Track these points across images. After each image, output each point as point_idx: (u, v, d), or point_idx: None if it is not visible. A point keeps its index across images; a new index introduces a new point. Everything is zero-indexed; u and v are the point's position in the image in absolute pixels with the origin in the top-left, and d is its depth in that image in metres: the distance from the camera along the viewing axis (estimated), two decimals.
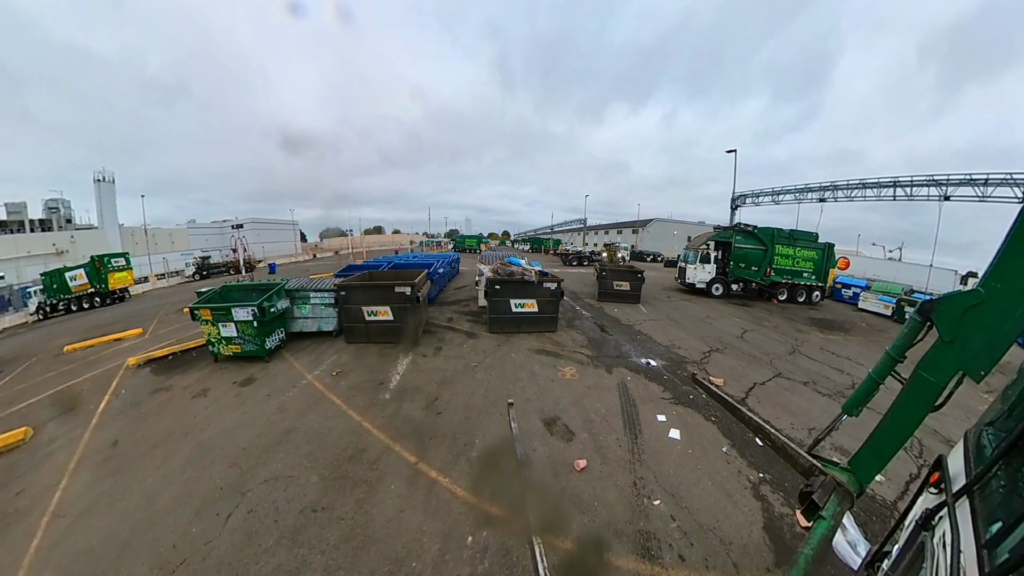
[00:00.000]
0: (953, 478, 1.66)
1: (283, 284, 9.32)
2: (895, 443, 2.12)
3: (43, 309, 21.91)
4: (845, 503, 2.12)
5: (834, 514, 2.04)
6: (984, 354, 1.79)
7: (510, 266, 9.80)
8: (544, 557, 2.84)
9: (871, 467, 2.20)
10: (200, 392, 7.09)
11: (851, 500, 2.16)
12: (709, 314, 14.25)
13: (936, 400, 1.96)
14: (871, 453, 2.19)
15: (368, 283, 8.72)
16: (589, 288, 19.31)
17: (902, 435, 2.10)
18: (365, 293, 8.48)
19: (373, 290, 8.52)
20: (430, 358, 8.03)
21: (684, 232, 72.19)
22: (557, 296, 9.61)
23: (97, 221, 60.18)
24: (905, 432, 2.09)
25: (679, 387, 7.06)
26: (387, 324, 8.52)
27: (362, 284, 8.64)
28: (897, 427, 2.11)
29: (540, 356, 8.24)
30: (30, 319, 21.31)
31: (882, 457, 2.16)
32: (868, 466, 2.21)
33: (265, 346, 8.66)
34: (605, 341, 9.62)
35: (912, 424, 2.06)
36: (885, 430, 2.15)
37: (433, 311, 12.75)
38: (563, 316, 11.24)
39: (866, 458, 2.21)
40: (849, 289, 21.37)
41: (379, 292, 8.43)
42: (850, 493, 2.16)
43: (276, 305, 8.85)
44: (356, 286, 8.51)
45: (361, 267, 14.86)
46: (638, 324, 11.69)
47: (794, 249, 19.35)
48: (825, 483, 2.18)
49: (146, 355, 9.28)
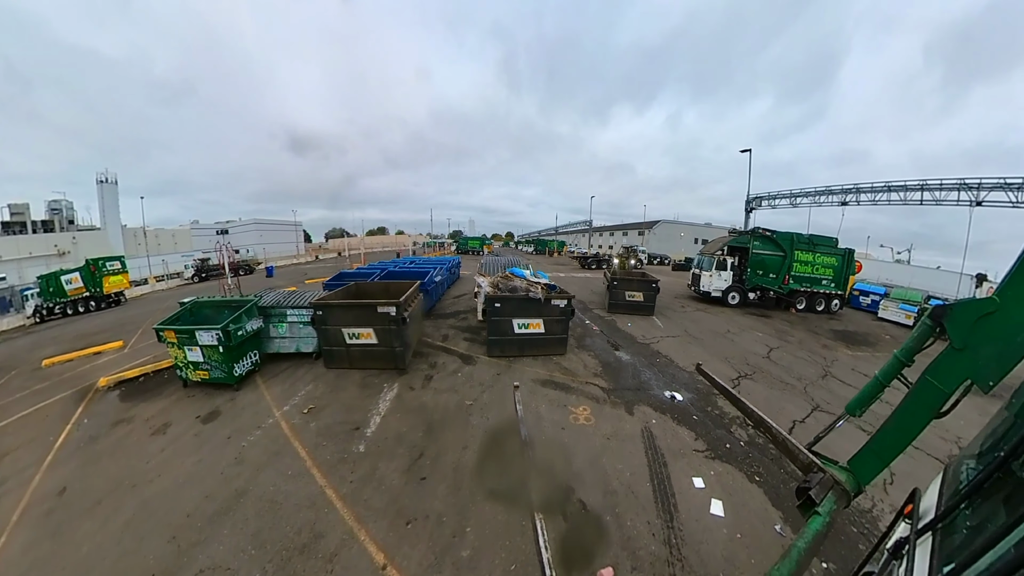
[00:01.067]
0: (924, 512, 1.66)
1: (254, 301, 8.31)
2: (897, 446, 2.09)
3: (40, 312, 21.30)
4: (842, 501, 2.11)
5: (830, 511, 2.02)
6: (995, 364, 1.74)
7: (512, 279, 8.65)
8: None
9: (871, 468, 2.16)
10: (160, 427, 6.30)
11: (848, 499, 2.14)
12: (729, 328, 13.14)
13: (941, 407, 1.92)
14: (872, 455, 2.15)
15: (348, 302, 7.64)
16: (598, 297, 18.21)
17: (904, 439, 2.07)
18: (345, 313, 7.37)
19: (354, 310, 7.36)
20: (418, 391, 6.97)
21: (691, 234, 70.90)
22: (567, 315, 8.46)
23: (100, 222, 60.04)
24: (907, 436, 2.05)
25: (712, 430, 5.99)
26: (370, 348, 7.47)
27: (340, 303, 7.55)
28: (900, 431, 2.07)
29: (547, 390, 7.13)
30: (27, 322, 20.69)
31: (883, 459, 2.12)
32: (868, 467, 2.17)
33: (234, 373, 7.70)
34: (621, 366, 8.52)
35: (915, 429, 2.02)
36: (888, 433, 2.11)
37: (428, 325, 11.71)
38: (572, 332, 10.16)
39: (866, 459, 2.17)
40: (867, 297, 20.24)
41: (360, 312, 7.30)
42: (847, 492, 2.13)
43: (245, 327, 7.86)
44: (334, 305, 7.42)
45: (353, 275, 13.86)
46: (655, 342, 10.58)
47: (813, 255, 18.25)
48: (823, 480, 2.15)
49: (117, 375, 8.61)
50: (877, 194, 21.54)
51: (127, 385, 8.31)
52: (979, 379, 1.79)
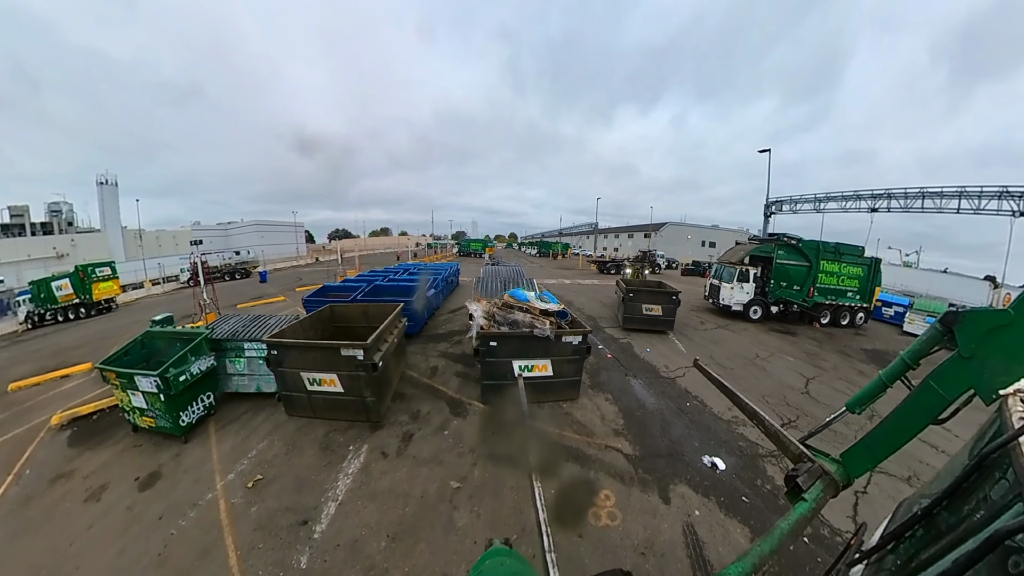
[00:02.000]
0: (866, 548, 1.66)
1: (203, 335, 7.00)
2: (891, 446, 2.08)
3: (31, 318, 20.77)
4: (829, 490, 2.11)
5: (816, 498, 2.03)
6: (1000, 377, 1.68)
7: (512, 307, 7.07)
8: None
9: (862, 463, 2.14)
10: (96, 490, 5.33)
11: (836, 489, 2.13)
12: (757, 351, 11.70)
13: (941, 413, 1.91)
14: (865, 450, 2.14)
15: (306, 342, 6.20)
16: (609, 310, 16.80)
17: (899, 439, 2.05)
18: (303, 355, 5.99)
19: (312, 352, 5.96)
20: (391, 460, 5.51)
21: (698, 236, 69.28)
22: (582, 354, 6.86)
23: (100, 224, 59.58)
24: (902, 437, 2.04)
25: (764, 513, 4.63)
26: (336, 397, 6.11)
27: (297, 343, 6.13)
28: (896, 431, 2.06)
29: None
30: (20, 328, 20.17)
31: (875, 456, 2.11)
32: (859, 461, 2.15)
33: (180, 422, 6.48)
34: (647, 416, 7.01)
35: (911, 431, 2.01)
36: (883, 431, 2.11)
37: (416, 350, 10.35)
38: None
39: (859, 453, 2.15)
40: (890, 308, 19.03)
41: (321, 355, 5.92)
42: (836, 482, 2.12)
43: (190, 370, 6.57)
44: (290, 345, 6.03)
45: (337, 289, 12.56)
46: (680, 376, 9.10)
47: (839, 265, 16.90)
48: (811, 469, 2.15)
49: (72, 412, 7.68)
50: (911, 200, 19.85)
51: (80, 423, 7.40)
52: (982, 390, 1.74)
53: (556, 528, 5.18)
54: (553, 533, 2.21)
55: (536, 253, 66.02)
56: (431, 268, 19.84)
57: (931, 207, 19.81)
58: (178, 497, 5.08)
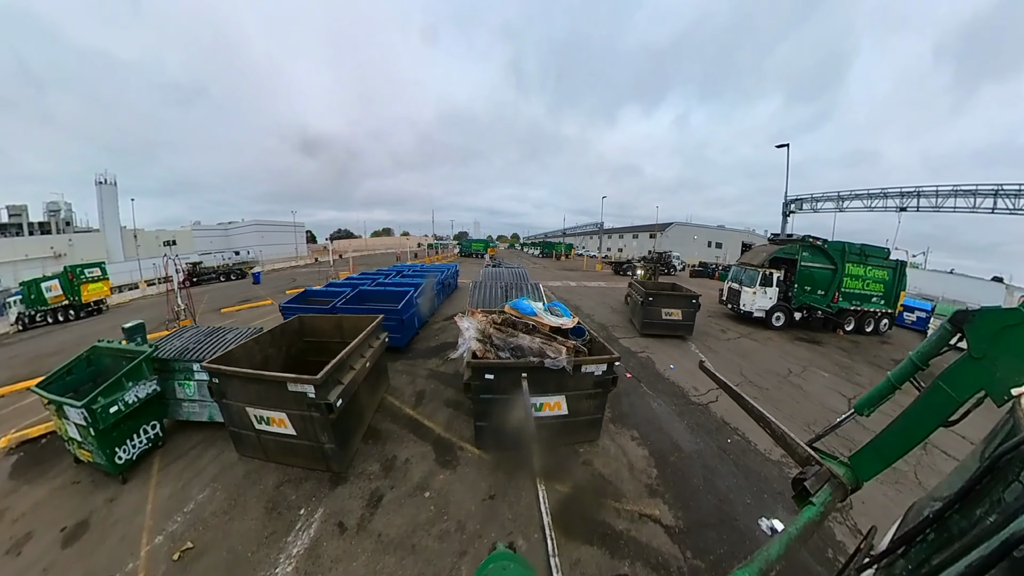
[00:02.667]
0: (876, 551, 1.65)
1: (145, 355, 5.82)
2: (900, 448, 2.05)
3: (22, 320, 20.27)
4: (838, 494, 2.07)
5: (824, 502, 1.98)
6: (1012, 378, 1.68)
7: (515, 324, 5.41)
8: None
9: (872, 466, 2.12)
10: (19, 542, 4.41)
11: (845, 493, 2.10)
12: (788, 365, 10.42)
13: (951, 415, 1.88)
14: (874, 453, 2.12)
15: (246, 372, 4.77)
16: (619, 316, 15.55)
17: (908, 442, 2.03)
18: (246, 388, 4.68)
19: (255, 384, 4.62)
20: (349, 537, 4.16)
21: (705, 237, 67.76)
22: (606, 386, 5.29)
23: (98, 223, 59.10)
24: (912, 440, 2.02)
25: None
26: (288, 440, 4.83)
27: (236, 372, 4.75)
28: (905, 433, 2.04)
29: (576, 544, 4.15)
30: (11, 330, 19.75)
31: (884, 459, 2.09)
32: (869, 465, 2.13)
33: (116, 460, 5.36)
34: (684, 463, 5.55)
35: (921, 433, 1.99)
36: (893, 434, 2.07)
37: (402, 368, 8.93)
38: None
39: (868, 456, 2.14)
40: (912, 313, 17.83)
41: (265, 389, 4.59)
42: (844, 486, 2.08)
43: (123, 399, 5.40)
44: (231, 375, 4.71)
45: (321, 293, 11.29)
46: (713, 400, 7.70)
47: (864, 268, 15.67)
48: (819, 473, 2.11)
49: (20, 434, 6.77)
50: (943, 199, 18.41)
51: (28, 448, 6.51)
52: (993, 391, 1.73)
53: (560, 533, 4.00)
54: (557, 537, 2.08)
55: (539, 254, 64.74)
56: (428, 269, 18.59)
57: (964, 206, 18.44)
58: (97, 563, 4.05)
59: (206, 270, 37.21)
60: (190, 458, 5.79)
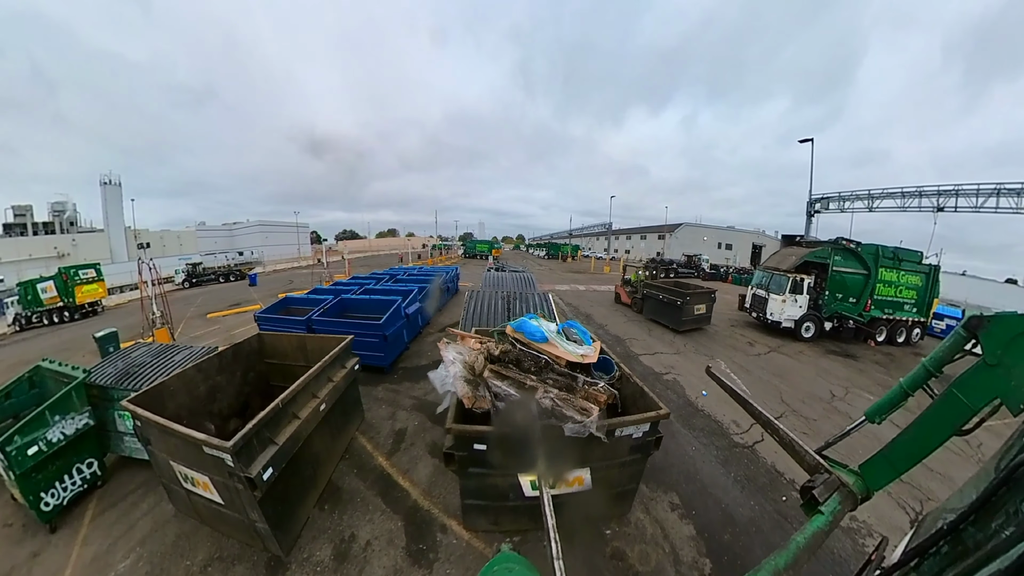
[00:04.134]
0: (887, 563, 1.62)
1: (76, 382, 4.75)
2: (912, 457, 1.98)
3: (19, 321, 20.32)
4: (847, 503, 2.02)
5: (834, 511, 1.93)
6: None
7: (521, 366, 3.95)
8: None
9: (882, 475, 2.05)
10: None
11: (854, 502, 2.04)
12: (830, 387, 9.13)
13: (965, 423, 1.82)
14: (885, 462, 2.04)
15: (161, 423, 3.43)
16: (635, 325, 14.38)
17: (921, 451, 1.95)
18: (166, 439, 3.55)
19: (174, 438, 3.41)
20: None
21: (715, 238, 66.12)
22: (647, 449, 3.90)
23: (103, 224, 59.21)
24: (925, 449, 1.94)
25: None
26: (216, 507, 3.67)
27: (153, 421, 3.48)
28: (917, 442, 1.96)
29: None
30: (8, 330, 19.68)
31: (896, 468, 2.02)
32: (879, 474, 2.06)
33: (42, 506, 4.45)
34: (740, 542, 4.19)
35: (934, 442, 1.91)
36: (904, 442, 2.00)
37: (381, 394, 7.62)
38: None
39: (878, 465, 2.06)
40: (942, 321, 16.53)
41: (184, 444, 3.39)
42: (854, 495, 2.03)
43: (43, 439, 4.39)
44: (151, 423, 3.48)
45: (301, 301, 10.11)
46: (758, 440, 6.29)
47: (898, 274, 14.33)
48: (828, 481, 2.07)
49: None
50: (984, 198, 16.85)
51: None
52: (1009, 399, 1.68)
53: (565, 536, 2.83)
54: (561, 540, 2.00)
55: (544, 255, 63.40)
56: (426, 272, 17.41)
57: (1007, 207, 16.94)
58: None
59: (206, 271, 36.68)
60: (127, 505, 4.80)
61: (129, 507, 4.76)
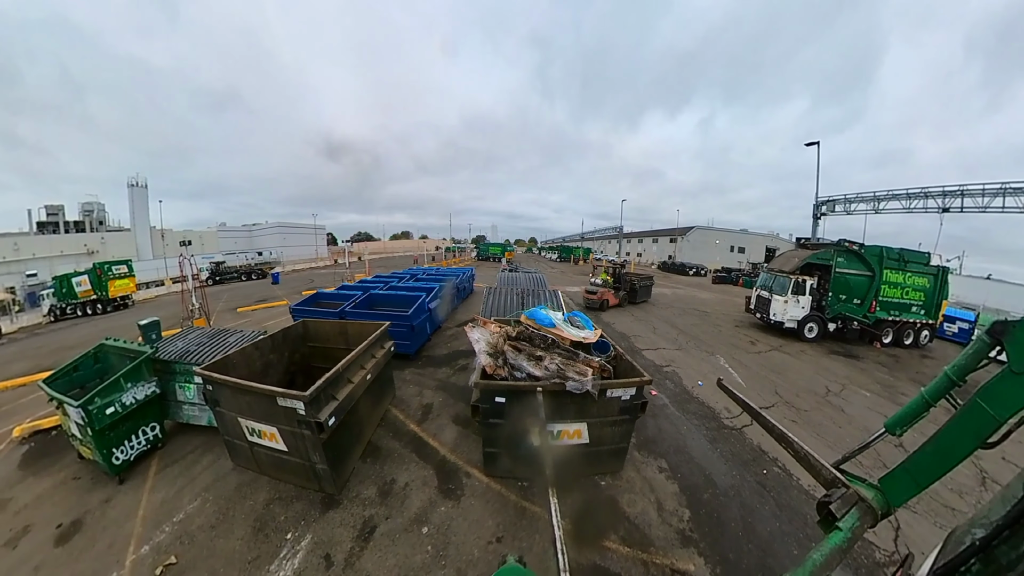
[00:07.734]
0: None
1: (144, 356, 5.60)
2: (935, 471, 1.85)
3: (54, 312, 21.72)
4: (867, 519, 1.90)
5: (852, 527, 1.83)
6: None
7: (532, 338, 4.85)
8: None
9: (904, 490, 1.93)
10: (17, 534, 4.38)
11: (874, 518, 1.92)
12: (826, 383, 9.60)
13: (990, 435, 1.70)
14: (906, 475, 1.92)
15: (235, 382, 4.32)
16: (641, 324, 14.92)
17: (944, 464, 1.82)
18: (237, 398, 4.36)
19: (247, 396, 4.29)
20: (336, 573, 3.70)
21: (727, 241, 65.79)
22: (634, 413, 4.69)
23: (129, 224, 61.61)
24: (948, 462, 1.81)
25: None
26: (279, 455, 4.52)
27: (228, 382, 4.36)
28: (940, 455, 1.83)
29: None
30: (43, 320, 21.15)
31: (918, 483, 1.89)
32: (901, 488, 1.93)
33: (113, 460, 5.23)
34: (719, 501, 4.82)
35: (958, 455, 1.78)
36: (927, 455, 1.88)
37: (410, 375, 8.57)
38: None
39: (900, 479, 1.94)
40: (954, 324, 16.43)
41: (256, 401, 4.26)
42: (874, 510, 1.90)
43: (120, 400, 5.22)
44: (222, 383, 4.37)
45: (332, 295, 11.07)
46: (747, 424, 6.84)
47: (904, 275, 14.51)
48: (846, 496, 1.96)
49: (33, 424, 6.88)
50: (991, 197, 16.90)
51: (39, 438, 6.59)
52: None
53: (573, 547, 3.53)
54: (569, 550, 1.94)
55: (557, 258, 64.10)
56: (443, 273, 18.26)
57: (1014, 206, 16.94)
58: (84, 568, 3.89)
59: (229, 269, 38.19)
60: (187, 462, 5.57)
61: (190, 464, 5.56)
